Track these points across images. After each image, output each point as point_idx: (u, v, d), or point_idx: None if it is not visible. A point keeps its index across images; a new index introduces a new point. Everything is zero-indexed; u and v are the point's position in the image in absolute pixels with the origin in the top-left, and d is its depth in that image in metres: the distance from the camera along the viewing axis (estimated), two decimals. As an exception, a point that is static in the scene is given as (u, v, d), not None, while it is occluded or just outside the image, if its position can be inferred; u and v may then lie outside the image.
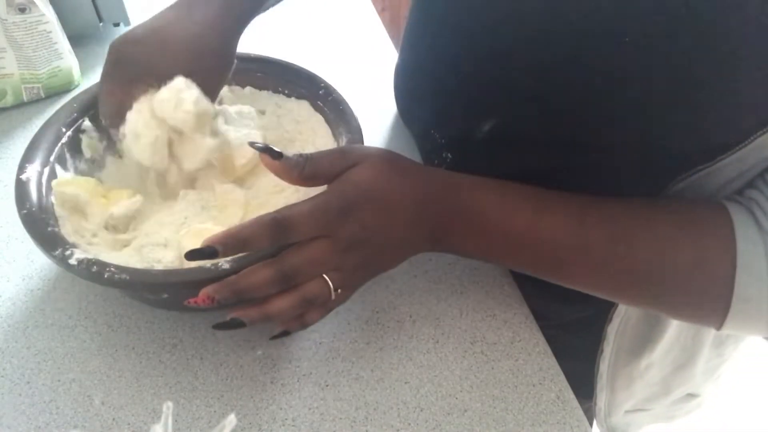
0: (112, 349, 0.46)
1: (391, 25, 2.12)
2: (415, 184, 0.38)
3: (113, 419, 0.43)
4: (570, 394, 0.45)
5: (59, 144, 0.48)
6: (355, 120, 0.49)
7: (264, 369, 0.46)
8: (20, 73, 0.64)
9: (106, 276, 0.38)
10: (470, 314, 0.50)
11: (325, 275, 0.37)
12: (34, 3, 0.62)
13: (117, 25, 0.77)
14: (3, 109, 0.66)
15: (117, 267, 0.38)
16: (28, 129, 0.64)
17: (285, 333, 0.41)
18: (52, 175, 0.47)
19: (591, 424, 0.63)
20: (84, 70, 0.71)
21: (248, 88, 0.57)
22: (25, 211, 0.42)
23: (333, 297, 0.38)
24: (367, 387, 0.45)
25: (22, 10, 0.61)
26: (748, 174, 0.36)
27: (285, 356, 0.47)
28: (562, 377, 0.46)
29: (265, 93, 0.57)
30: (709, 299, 0.36)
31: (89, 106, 0.50)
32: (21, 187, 0.44)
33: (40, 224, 0.42)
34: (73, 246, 0.40)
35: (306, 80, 0.54)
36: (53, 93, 0.68)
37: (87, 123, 0.50)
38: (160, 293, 0.41)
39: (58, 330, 0.48)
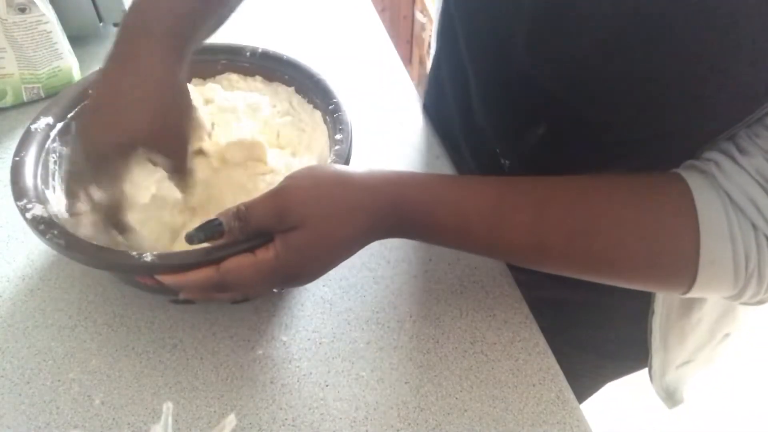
0: (112, 349, 0.46)
1: (391, 25, 2.12)
2: (359, 224, 0.38)
3: (113, 419, 0.43)
4: (570, 394, 0.45)
5: (81, 104, 0.50)
6: (348, 142, 0.48)
7: (264, 369, 0.46)
8: (20, 73, 0.64)
9: (47, 237, 0.40)
10: (470, 314, 0.50)
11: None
12: (34, 3, 0.62)
13: (117, 25, 0.77)
14: (3, 109, 0.66)
15: (61, 231, 0.40)
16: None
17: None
18: (65, 129, 0.49)
19: (590, 427, 0.62)
20: (84, 70, 0.71)
21: (275, 83, 0.58)
22: (17, 158, 0.45)
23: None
24: (367, 387, 0.45)
25: (22, 10, 0.61)
26: None
27: (285, 356, 0.47)
28: (562, 377, 0.46)
29: (287, 89, 0.58)
30: (676, 270, 0.37)
31: None
32: (25, 136, 0.47)
33: (23, 173, 0.44)
34: (40, 202, 0.42)
35: (322, 91, 0.54)
36: (53, 93, 0.68)
37: None
38: (96, 266, 0.42)
39: (58, 330, 0.48)
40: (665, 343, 0.55)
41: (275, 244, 0.38)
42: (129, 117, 0.40)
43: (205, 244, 0.39)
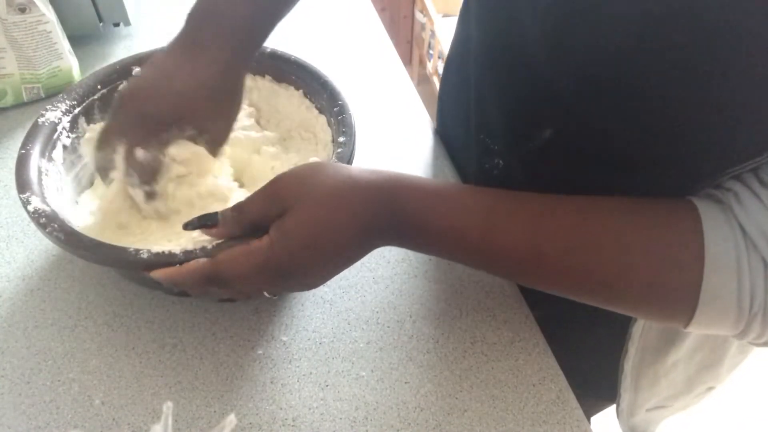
0: (112, 349, 0.46)
1: (391, 25, 2.13)
2: (352, 214, 0.38)
3: (113, 419, 0.43)
4: (570, 394, 0.45)
5: (90, 98, 0.52)
6: (351, 145, 0.49)
7: (264, 369, 0.46)
8: (20, 73, 0.64)
9: (47, 230, 0.41)
10: (470, 314, 0.50)
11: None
12: (34, 3, 0.62)
13: (117, 25, 0.77)
14: (3, 109, 0.66)
15: (60, 225, 0.41)
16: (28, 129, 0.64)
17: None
18: (73, 123, 0.51)
19: (590, 427, 0.63)
20: (84, 70, 0.71)
21: (284, 84, 0.58)
22: (23, 151, 0.46)
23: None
24: (367, 387, 0.45)
25: (22, 10, 0.61)
26: None
27: (285, 356, 0.47)
28: (562, 377, 0.46)
29: (297, 93, 0.58)
30: (675, 300, 0.35)
31: (131, 70, 0.54)
32: (33, 129, 0.47)
33: (27, 166, 0.45)
34: (38, 194, 0.43)
35: (329, 93, 0.54)
36: (53, 93, 0.68)
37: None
38: (94, 261, 0.42)
39: (58, 330, 0.48)
40: (636, 384, 0.53)
41: (269, 233, 0.37)
42: (190, 98, 0.44)
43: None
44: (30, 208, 0.42)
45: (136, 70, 0.53)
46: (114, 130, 0.44)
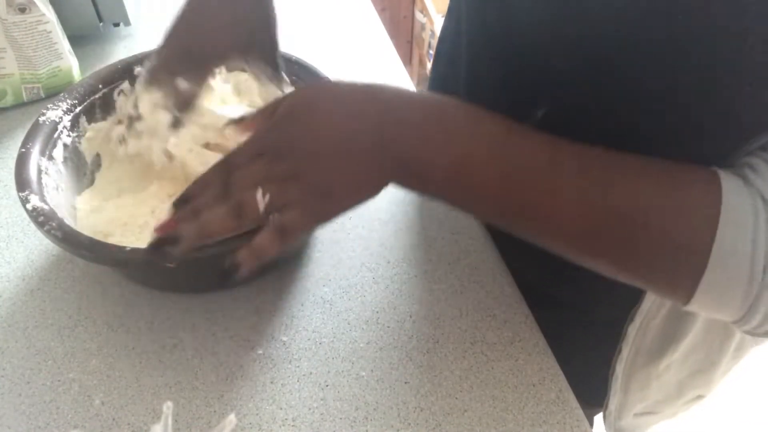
0: (112, 349, 0.46)
1: (391, 25, 2.13)
2: (347, 94, 0.39)
3: (113, 419, 0.43)
4: (570, 394, 0.45)
5: (91, 98, 0.52)
6: None
7: (264, 369, 0.46)
8: (20, 73, 0.65)
9: (45, 228, 0.41)
10: (470, 314, 0.50)
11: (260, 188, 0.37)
12: (34, 3, 0.62)
13: (117, 25, 0.77)
14: (3, 109, 0.66)
15: (58, 224, 0.41)
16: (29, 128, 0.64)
17: (234, 268, 0.37)
18: (74, 122, 0.51)
19: (590, 427, 0.63)
20: (84, 70, 0.71)
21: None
22: (23, 150, 0.46)
23: (262, 207, 0.36)
24: (367, 387, 0.45)
25: (22, 10, 0.61)
26: None
27: (285, 356, 0.47)
28: (562, 377, 0.46)
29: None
30: (687, 251, 0.33)
31: (132, 70, 0.54)
32: (33, 128, 0.48)
33: (27, 164, 0.45)
34: (37, 193, 0.43)
35: None
36: (53, 93, 0.68)
37: (126, 85, 0.54)
38: (91, 259, 0.42)
39: (58, 330, 0.48)
40: (626, 386, 0.53)
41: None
42: (224, 33, 0.48)
43: None
44: (29, 206, 0.42)
45: (138, 69, 0.53)
46: (161, 67, 0.47)
